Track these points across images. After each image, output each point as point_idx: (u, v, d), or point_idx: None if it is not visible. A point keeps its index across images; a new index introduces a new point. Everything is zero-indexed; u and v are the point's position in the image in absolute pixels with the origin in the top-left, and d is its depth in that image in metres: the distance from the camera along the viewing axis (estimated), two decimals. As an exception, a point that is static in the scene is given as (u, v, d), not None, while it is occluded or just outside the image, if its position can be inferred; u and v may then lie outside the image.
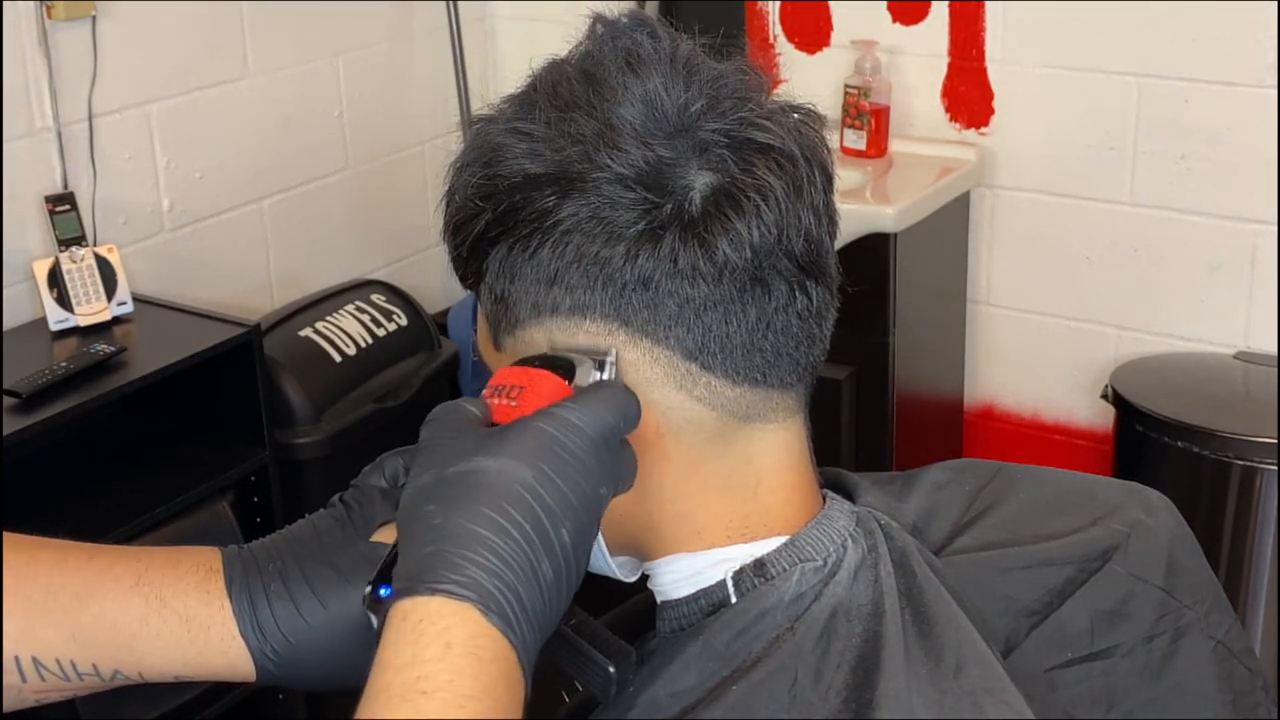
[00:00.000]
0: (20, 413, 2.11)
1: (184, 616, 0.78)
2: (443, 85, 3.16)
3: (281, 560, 0.79)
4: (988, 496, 0.99)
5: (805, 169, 0.82)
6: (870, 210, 2.63)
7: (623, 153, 0.79)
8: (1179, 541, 1.00)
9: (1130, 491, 1.03)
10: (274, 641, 0.78)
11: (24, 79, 2.37)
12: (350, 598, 0.78)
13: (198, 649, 0.78)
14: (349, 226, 3.04)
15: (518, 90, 0.85)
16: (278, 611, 0.78)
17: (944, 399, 3.01)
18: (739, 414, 0.84)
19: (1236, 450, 2.44)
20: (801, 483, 0.88)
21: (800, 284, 0.83)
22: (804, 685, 0.80)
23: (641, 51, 0.82)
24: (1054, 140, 2.80)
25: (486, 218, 0.83)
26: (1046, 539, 0.96)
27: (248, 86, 2.77)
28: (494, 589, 0.69)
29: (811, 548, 0.86)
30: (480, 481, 0.72)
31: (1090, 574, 0.94)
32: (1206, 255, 2.71)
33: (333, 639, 0.78)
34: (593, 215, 0.79)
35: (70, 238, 2.39)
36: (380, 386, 2.68)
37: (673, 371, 0.82)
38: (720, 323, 0.81)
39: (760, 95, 0.84)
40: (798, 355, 0.85)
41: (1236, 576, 2.48)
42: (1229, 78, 2.61)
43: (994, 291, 2.95)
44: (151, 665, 0.79)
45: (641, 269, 0.79)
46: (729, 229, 0.79)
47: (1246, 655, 1.00)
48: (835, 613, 0.83)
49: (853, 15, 2.92)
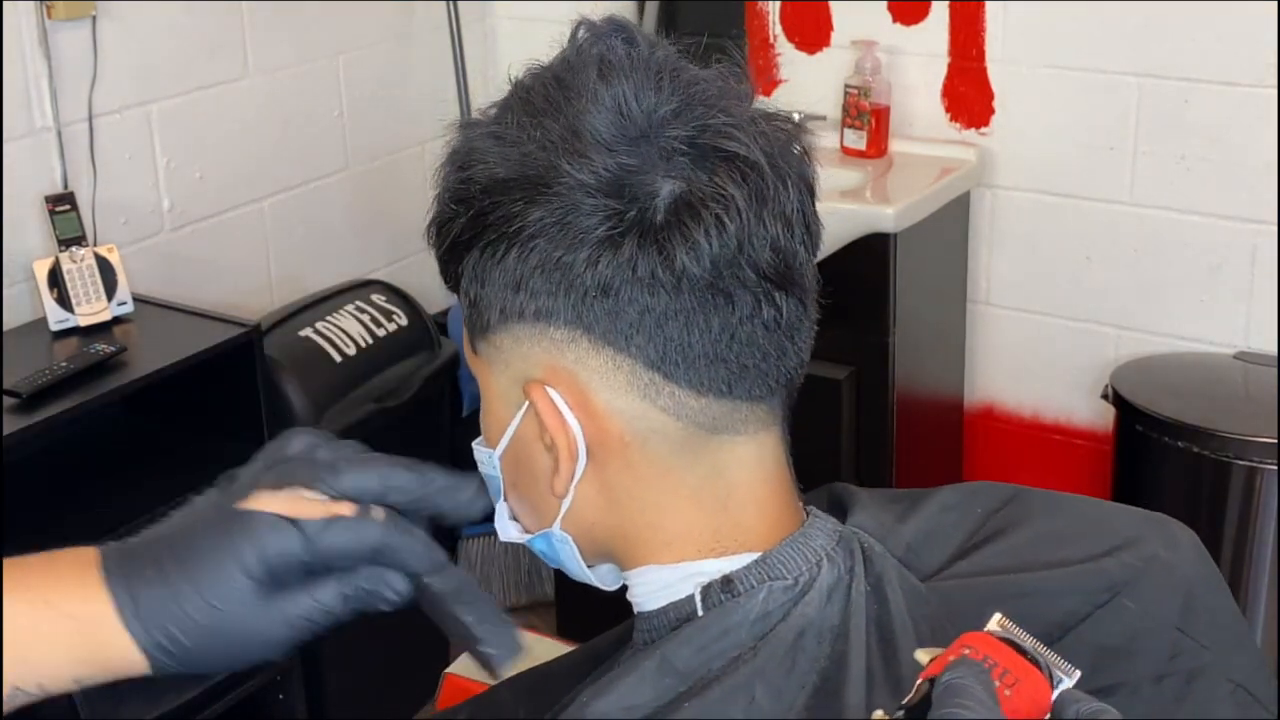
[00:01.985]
0: (20, 413, 2.11)
1: (70, 615, 0.76)
2: (443, 85, 3.16)
3: (155, 547, 0.76)
4: (999, 521, 0.95)
5: (772, 178, 0.80)
6: (870, 210, 2.63)
7: (588, 159, 0.79)
8: (1201, 579, 0.94)
9: (1153, 523, 0.97)
10: (157, 632, 0.75)
11: (24, 79, 2.37)
12: (220, 574, 0.75)
13: (90, 648, 0.76)
14: (349, 226, 3.04)
15: (504, 95, 0.85)
16: (156, 599, 0.75)
17: (944, 399, 3.01)
18: (705, 425, 0.83)
19: (1236, 450, 2.44)
20: (775, 498, 0.87)
21: (767, 296, 0.81)
22: (762, 706, 0.79)
23: (613, 57, 0.82)
24: (1054, 140, 2.80)
25: (461, 221, 0.83)
26: (1051, 568, 0.91)
27: (248, 86, 2.77)
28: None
29: (782, 565, 0.84)
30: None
31: (1096, 607, 0.89)
32: (1206, 255, 2.71)
33: (217, 619, 0.75)
34: (557, 221, 0.79)
35: (70, 238, 2.39)
36: (380, 386, 2.68)
37: (636, 380, 0.81)
38: (682, 332, 0.80)
39: (735, 102, 0.82)
40: (766, 368, 0.83)
41: (1236, 576, 2.48)
42: (1229, 78, 2.61)
43: (994, 291, 2.95)
44: (50, 672, 0.77)
45: (601, 275, 0.79)
46: (688, 238, 0.78)
47: (1271, 700, 0.94)
48: (803, 633, 0.82)
49: (853, 15, 2.92)
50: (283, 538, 0.75)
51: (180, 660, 0.76)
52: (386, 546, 0.77)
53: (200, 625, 0.75)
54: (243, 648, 0.76)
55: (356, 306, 2.76)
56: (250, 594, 0.75)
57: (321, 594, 0.77)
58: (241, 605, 0.75)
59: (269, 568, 0.75)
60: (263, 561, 0.75)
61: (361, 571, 0.78)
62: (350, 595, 0.78)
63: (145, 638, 0.75)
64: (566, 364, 0.82)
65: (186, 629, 0.75)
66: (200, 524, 0.77)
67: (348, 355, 2.66)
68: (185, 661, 0.76)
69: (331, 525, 0.76)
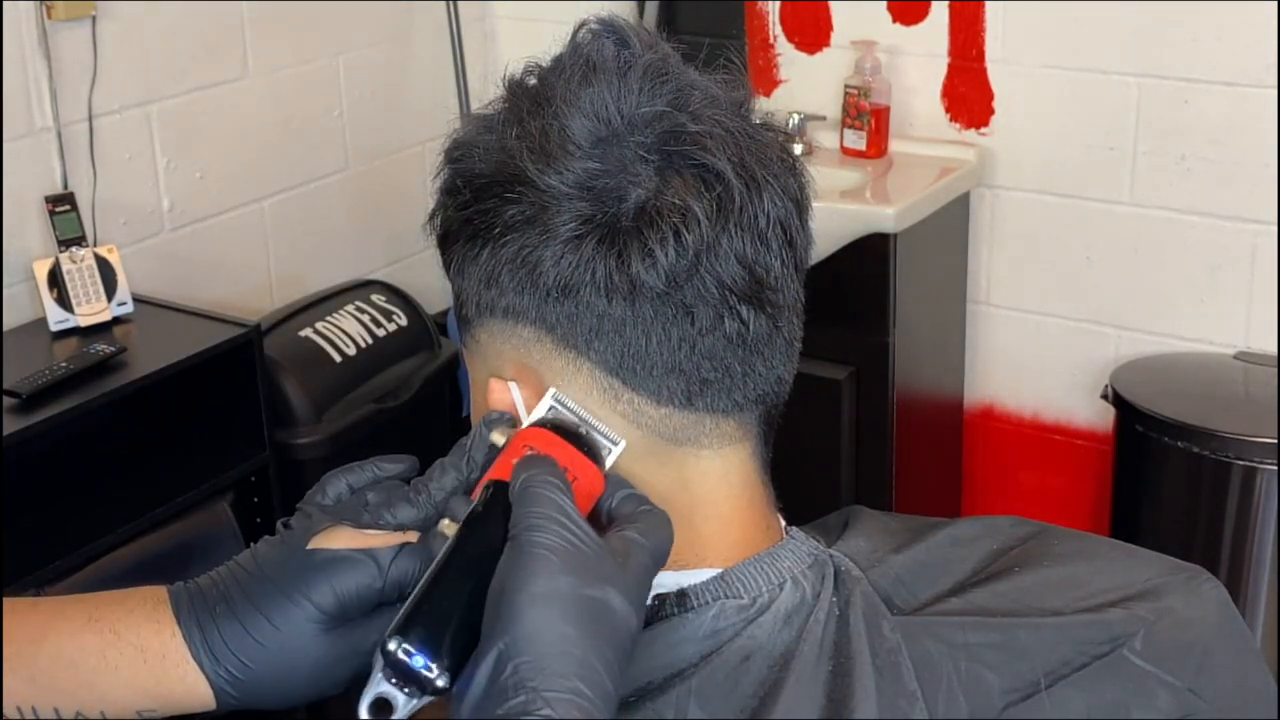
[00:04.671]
0: (20, 413, 2.11)
1: (138, 646, 0.77)
2: (443, 85, 3.16)
3: (224, 584, 0.78)
4: (1013, 559, 0.90)
5: (741, 189, 0.79)
6: (870, 210, 2.63)
7: (561, 160, 0.79)
8: (1222, 637, 0.87)
9: (1179, 574, 0.90)
10: (228, 664, 0.76)
11: (24, 79, 2.37)
12: (293, 611, 0.76)
13: (156, 679, 0.77)
14: (349, 226, 3.04)
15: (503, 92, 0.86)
16: (226, 633, 0.76)
17: (944, 399, 3.01)
18: (666, 436, 0.82)
19: (1236, 450, 2.44)
20: (742, 515, 0.85)
21: (731, 310, 0.80)
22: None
23: (599, 60, 0.81)
24: (1054, 140, 2.80)
25: (448, 213, 0.84)
26: (1046, 615, 0.85)
27: (248, 86, 2.77)
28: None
29: (740, 584, 0.83)
30: (612, 621, 0.71)
31: (1094, 658, 0.83)
32: (1206, 255, 2.71)
33: (285, 653, 0.77)
34: (528, 220, 0.79)
35: (70, 238, 2.39)
36: (380, 386, 2.68)
37: (595, 385, 0.81)
38: (641, 340, 0.79)
39: (720, 109, 0.81)
40: (729, 383, 0.82)
41: (1236, 577, 2.48)
42: (1229, 78, 2.61)
43: (994, 291, 2.95)
44: (114, 700, 0.78)
45: (562, 274, 0.79)
46: (644, 247, 0.78)
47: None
48: (750, 656, 0.81)
49: (853, 15, 2.92)
50: (359, 571, 0.77)
51: (244, 693, 0.77)
52: None
53: (268, 659, 0.76)
54: (308, 682, 0.77)
55: (356, 306, 2.76)
56: (320, 628, 0.76)
57: (386, 625, 0.78)
58: (311, 639, 0.76)
59: (343, 604, 0.77)
60: (338, 598, 0.76)
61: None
62: None
63: (213, 671, 0.76)
64: (532, 363, 0.82)
65: (255, 660, 0.76)
66: (269, 564, 0.78)
67: (348, 355, 2.66)
68: (249, 695, 0.77)
69: (402, 552, 0.78)
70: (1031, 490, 3.03)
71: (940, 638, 0.83)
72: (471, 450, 0.81)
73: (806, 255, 0.84)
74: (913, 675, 0.81)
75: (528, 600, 0.69)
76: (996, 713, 0.81)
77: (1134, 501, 2.65)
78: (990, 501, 3.08)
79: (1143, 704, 0.83)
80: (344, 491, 0.83)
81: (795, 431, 0.99)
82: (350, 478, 0.84)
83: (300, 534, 0.80)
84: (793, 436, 0.97)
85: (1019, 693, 0.82)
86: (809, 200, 0.85)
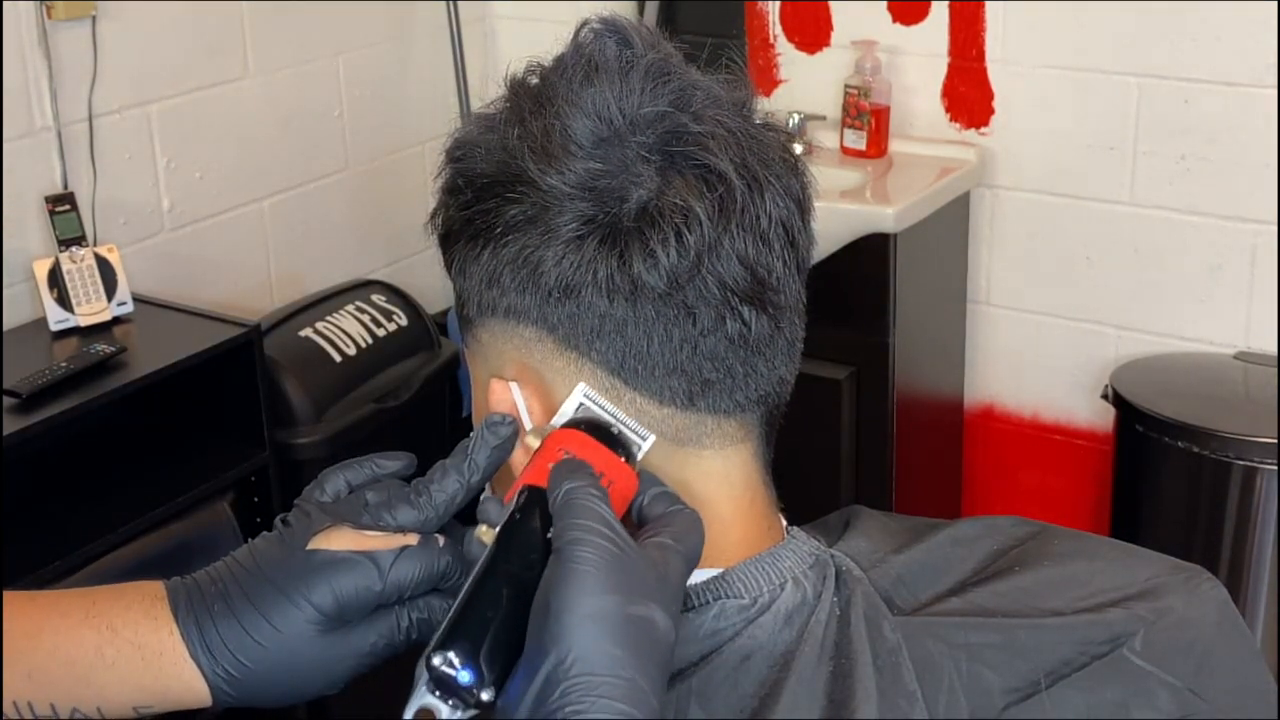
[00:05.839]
0: (20, 413, 2.11)
1: (135, 643, 0.77)
2: (443, 85, 3.16)
3: (223, 582, 0.78)
4: (1013, 559, 0.90)
5: (743, 190, 0.79)
6: (870, 210, 2.63)
7: (563, 160, 0.79)
8: (1222, 637, 0.87)
9: (1179, 574, 0.90)
10: (226, 663, 0.76)
11: (24, 79, 2.37)
12: (292, 612, 0.76)
13: (153, 675, 0.77)
14: (349, 226, 3.04)
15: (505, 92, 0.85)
16: (224, 632, 0.76)
17: (944, 399, 3.01)
18: (669, 436, 0.82)
19: (1236, 450, 2.44)
20: (743, 516, 0.85)
21: (733, 310, 0.80)
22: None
23: (601, 59, 0.81)
24: (1054, 140, 2.80)
25: (450, 213, 0.84)
26: (1046, 615, 0.85)
27: (248, 86, 2.76)
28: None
29: (740, 584, 0.83)
30: (655, 638, 0.71)
31: (1094, 658, 0.83)
32: (1206, 255, 2.71)
33: (283, 653, 0.77)
34: (529, 220, 0.79)
35: (70, 238, 2.39)
36: (380, 387, 2.68)
37: (597, 386, 0.81)
38: (642, 340, 0.79)
39: (722, 109, 0.81)
40: (731, 383, 0.82)
41: (1236, 576, 2.48)
42: (1229, 78, 2.61)
43: (994, 291, 2.95)
44: (110, 696, 0.78)
45: (564, 275, 0.78)
46: (646, 248, 0.77)
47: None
48: (750, 656, 0.81)
49: (853, 15, 2.92)
50: (358, 573, 0.77)
51: (241, 692, 0.77)
52: (454, 570, 0.79)
53: (266, 659, 0.76)
54: (305, 681, 0.78)
55: (356, 306, 2.76)
56: (318, 629, 0.77)
57: (385, 627, 0.79)
58: (309, 640, 0.77)
59: (342, 606, 0.77)
60: (338, 600, 0.77)
61: (419, 602, 0.80)
62: (409, 625, 0.80)
63: (210, 669, 0.77)
64: (533, 363, 0.82)
65: (253, 660, 0.76)
66: (269, 564, 0.78)
67: (348, 355, 2.66)
68: (246, 694, 0.78)
69: (402, 555, 0.78)
70: (1031, 490, 3.03)
71: (941, 638, 0.83)
72: (473, 453, 0.81)
73: (808, 256, 0.84)
74: (913, 675, 0.81)
75: (576, 621, 0.69)
76: (997, 712, 0.81)
77: (1134, 501, 2.65)
78: (990, 501, 3.08)
79: (1143, 704, 0.83)
80: (342, 488, 0.83)
81: (796, 431, 0.99)
82: (349, 474, 0.84)
83: (300, 533, 0.79)
84: (793, 436, 0.97)
85: (1019, 692, 0.82)
86: (811, 201, 0.84)
